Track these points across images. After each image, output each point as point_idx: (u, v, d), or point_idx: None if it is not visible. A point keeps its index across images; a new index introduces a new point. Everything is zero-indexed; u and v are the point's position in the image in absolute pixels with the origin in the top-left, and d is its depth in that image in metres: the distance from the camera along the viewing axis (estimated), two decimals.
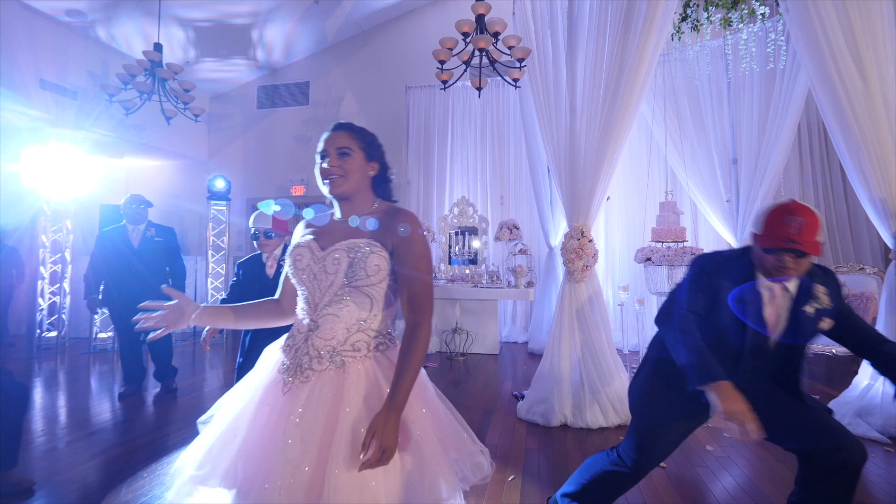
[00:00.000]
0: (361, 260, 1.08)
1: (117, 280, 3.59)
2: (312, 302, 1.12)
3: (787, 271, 1.37)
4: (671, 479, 2.18)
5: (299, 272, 1.13)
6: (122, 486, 2.15)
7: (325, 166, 1.15)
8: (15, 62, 5.06)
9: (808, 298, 1.43)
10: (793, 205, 1.39)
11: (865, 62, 2.79)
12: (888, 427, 2.71)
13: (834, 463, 1.42)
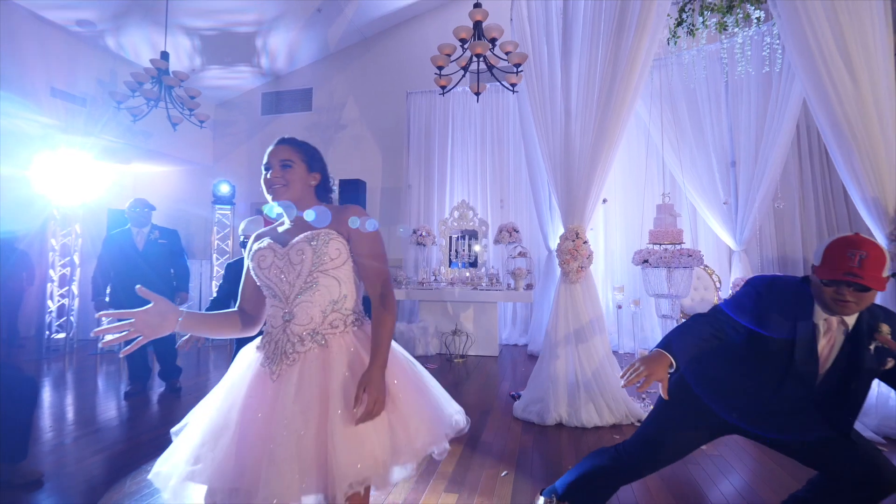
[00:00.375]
0: (323, 246, 1.19)
1: (123, 282, 3.67)
2: (283, 295, 1.19)
3: (846, 305, 1.32)
4: (664, 479, 2.21)
5: (265, 270, 1.21)
6: (126, 479, 2.22)
7: (268, 177, 1.25)
8: (27, 71, 5.21)
9: (870, 336, 1.38)
10: (856, 238, 1.35)
11: (856, 65, 2.82)
12: (882, 427, 2.73)
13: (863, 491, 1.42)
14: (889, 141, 2.87)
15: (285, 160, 1.26)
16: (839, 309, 1.34)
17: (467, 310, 5.25)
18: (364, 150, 7.31)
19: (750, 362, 1.49)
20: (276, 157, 1.26)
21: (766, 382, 1.46)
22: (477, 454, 2.53)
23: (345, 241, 1.22)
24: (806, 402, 1.48)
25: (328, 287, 1.19)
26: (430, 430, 1.15)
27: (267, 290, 1.23)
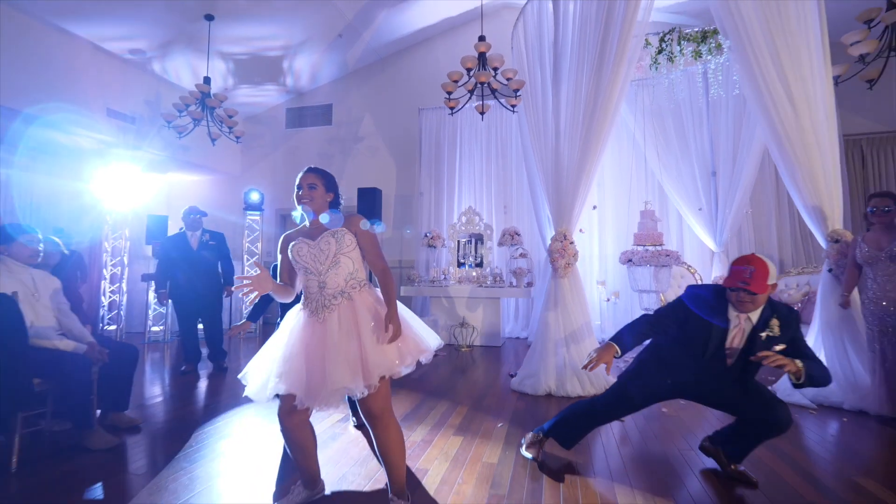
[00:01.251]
0: (341, 239, 1.81)
1: (180, 277, 4.34)
2: (317, 271, 1.81)
3: (744, 304, 1.94)
4: (642, 460, 2.77)
5: (303, 257, 1.82)
6: (195, 431, 2.85)
7: (299, 194, 1.86)
8: (87, 94, 5.96)
9: (765, 328, 1.98)
10: (750, 256, 1.98)
11: (795, 95, 3.38)
12: (817, 397, 3.25)
13: (765, 426, 2.03)
14: (826, 160, 3.42)
15: (311, 183, 1.85)
16: (740, 308, 1.97)
17: (473, 305, 5.83)
18: (379, 160, 7.97)
19: (681, 349, 2.13)
20: (305, 180, 1.86)
21: (693, 362, 2.10)
22: (479, 413, 3.12)
23: (353, 236, 1.84)
24: (723, 373, 2.10)
25: (346, 264, 1.81)
26: (418, 346, 1.81)
27: (303, 270, 1.84)
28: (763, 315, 1.99)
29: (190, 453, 2.46)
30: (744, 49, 3.46)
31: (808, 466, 2.28)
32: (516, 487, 2.07)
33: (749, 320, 2.01)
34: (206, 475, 2.20)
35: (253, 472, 2.25)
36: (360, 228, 1.85)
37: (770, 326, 1.98)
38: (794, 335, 2.01)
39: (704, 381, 2.13)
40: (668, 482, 2.12)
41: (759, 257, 1.96)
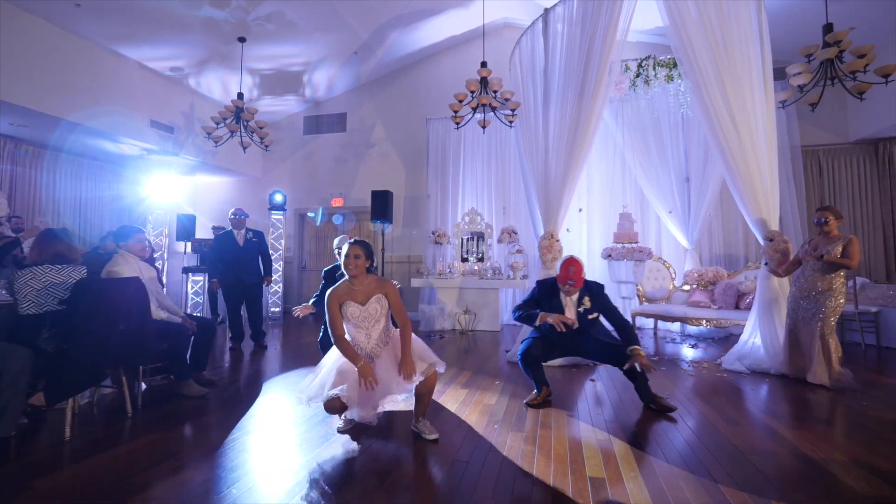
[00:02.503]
0: (383, 303, 2.55)
1: (230, 269, 5.13)
2: (365, 328, 2.53)
3: (569, 292, 3.10)
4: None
5: (356, 317, 2.52)
6: (252, 387, 3.65)
7: (345, 262, 2.48)
8: (133, 107, 6.74)
9: (581, 303, 3.05)
10: (571, 259, 3.10)
11: (738, 122, 4.15)
12: (752, 366, 4.04)
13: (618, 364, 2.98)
14: (764, 179, 4.17)
15: (356, 254, 2.48)
16: (568, 293, 3.05)
17: (475, 295, 6.63)
18: (390, 164, 8.75)
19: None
20: (352, 251, 2.48)
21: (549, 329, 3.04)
22: (480, 376, 3.92)
23: (386, 298, 2.55)
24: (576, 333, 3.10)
25: (383, 320, 2.56)
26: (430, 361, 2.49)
27: (354, 326, 2.54)
28: (580, 294, 3.09)
29: (246, 402, 3.27)
30: (695, 77, 4.22)
31: (735, 416, 3.06)
32: (507, 416, 2.88)
33: (572, 300, 3.10)
34: (260, 412, 3.01)
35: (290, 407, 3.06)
36: (391, 292, 2.56)
37: (584, 302, 3.09)
38: (603, 304, 3.12)
39: (570, 340, 3.15)
40: (622, 420, 2.92)
41: (577, 260, 3.09)
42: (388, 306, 2.56)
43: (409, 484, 2.02)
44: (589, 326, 3.13)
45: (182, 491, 1.94)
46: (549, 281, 3.26)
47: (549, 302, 3.14)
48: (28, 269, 2.66)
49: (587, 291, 3.11)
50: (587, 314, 3.10)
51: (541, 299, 3.19)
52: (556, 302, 3.12)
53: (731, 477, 2.06)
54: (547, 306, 3.13)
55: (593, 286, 3.15)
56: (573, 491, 1.94)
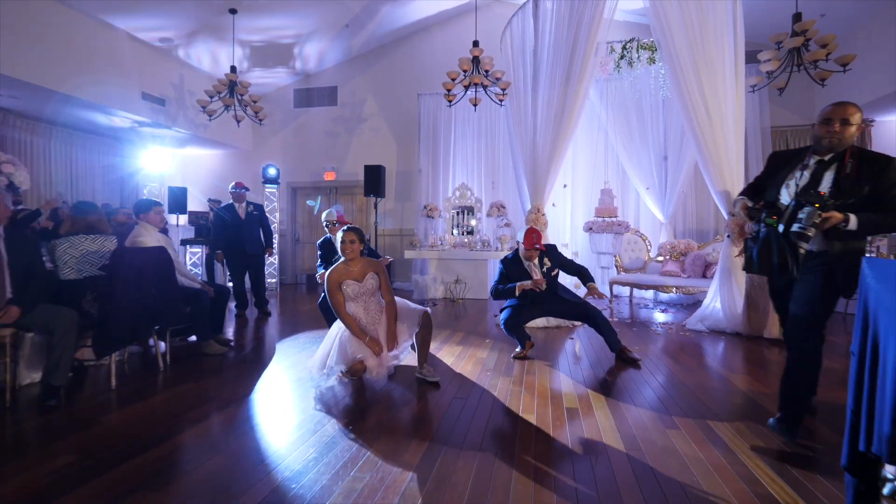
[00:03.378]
0: (375, 280, 2.93)
1: (232, 240, 5.39)
2: (363, 301, 2.92)
3: (531, 257, 3.51)
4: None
5: (354, 294, 2.90)
6: (264, 348, 4.02)
7: (343, 248, 2.89)
8: (125, 79, 6.75)
9: (543, 264, 3.49)
10: (531, 229, 3.49)
11: (710, 106, 4.51)
12: (712, 326, 4.56)
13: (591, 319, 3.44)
14: (730, 159, 4.57)
15: (352, 240, 2.88)
16: (529, 258, 3.47)
17: (465, 266, 7.02)
18: (382, 139, 8.93)
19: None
20: (347, 237, 2.88)
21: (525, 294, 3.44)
22: (472, 336, 4.35)
23: (376, 274, 2.94)
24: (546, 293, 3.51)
25: (377, 295, 2.95)
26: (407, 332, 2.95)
27: (353, 301, 2.92)
28: (541, 257, 3.56)
29: (262, 360, 3.64)
30: (672, 63, 4.55)
31: (693, 366, 3.55)
32: (497, 366, 3.32)
33: (535, 265, 3.55)
34: (276, 367, 3.39)
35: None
36: (381, 271, 2.98)
37: (545, 262, 3.55)
38: (560, 260, 3.63)
39: (542, 301, 3.58)
40: (595, 370, 3.39)
41: (537, 229, 3.54)
42: (378, 282, 2.97)
43: (415, 415, 2.43)
44: (554, 283, 3.61)
45: (217, 430, 2.31)
46: (509, 255, 3.67)
47: (517, 271, 3.56)
48: (66, 239, 2.93)
49: (545, 254, 3.60)
50: (550, 272, 3.58)
51: (509, 272, 3.59)
52: (522, 269, 3.55)
53: (683, 409, 2.52)
54: (516, 276, 3.53)
55: (548, 248, 3.65)
56: (552, 417, 2.38)
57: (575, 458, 1.93)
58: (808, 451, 2.00)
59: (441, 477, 1.75)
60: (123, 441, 2.09)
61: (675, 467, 1.85)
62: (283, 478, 1.73)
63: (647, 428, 2.26)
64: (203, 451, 1.99)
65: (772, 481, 1.74)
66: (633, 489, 1.68)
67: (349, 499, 1.58)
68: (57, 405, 2.51)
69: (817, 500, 1.61)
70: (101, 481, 1.72)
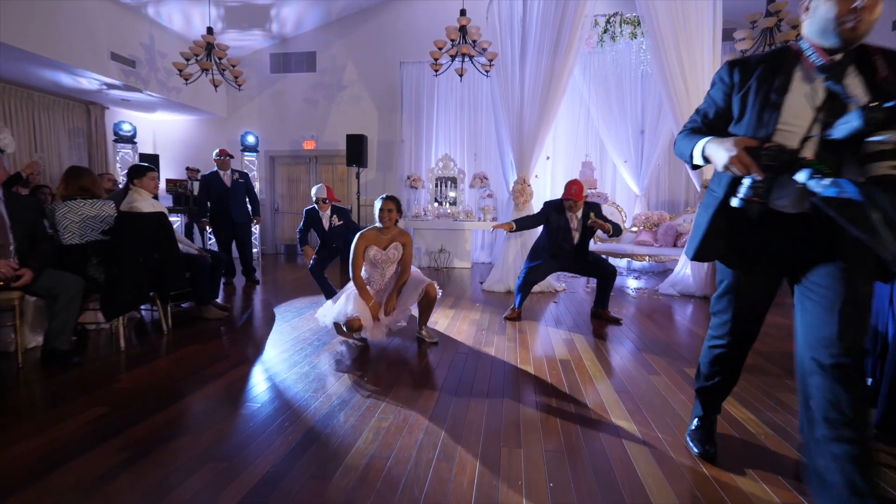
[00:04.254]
0: (398, 250, 3.06)
1: (218, 208, 5.34)
2: (381, 268, 3.06)
3: (571, 208, 3.61)
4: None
5: (376, 259, 3.03)
6: (256, 310, 4.12)
7: (381, 215, 3.00)
8: (92, 38, 6.38)
9: (586, 218, 3.59)
10: (574, 181, 3.60)
11: (689, 82, 4.74)
12: (682, 290, 4.94)
13: (606, 275, 3.61)
14: None
15: (389, 208, 3.00)
16: (571, 210, 3.59)
17: (449, 236, 7.19)
18: (363, 108, 8.81)
19: (550, 237, 3.70)
20: (386, 206, 3.00)
21: (556, 244, 3.66)
22: (462, 301, 4.57)
23: (402, 245, 3.06)
24: (574, 249, 3.70)
25: (396, 265, 3.08)
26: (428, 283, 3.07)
27: (373, 266, 3.05)
28: (584, 211, 3.69)
29: (261, 324, 3.76)
30: (655, 37, 4.72)
31: (666, 323, 3.89)
32: (491, 327, 3.55)
33: (577, 217, 3.69)
34: (278, 330, 3.52)
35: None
36: (408, 243, 3.10)
37: (589, 216, 3.66)
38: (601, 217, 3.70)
39: (567, 256, 3.75)
40: (580, 329, 3.67)
41: (579, 181, 3.64)
42: (401, 253, 3.09)
43: (422, 368, 2.63)
44: (588, 238, 3.75)
45: (239, 385, 2.45)
46: (555, 201, 3.80)
47: (556, 218, 3.70)
48: (64, 204, 2.90)
49: (590, 209, 3.69)
50: (591, 229, 3.69)
51: (549, 215, 3.75)
52: (563, 218, 3.70)
53: (658, 356, 2.83)
54: (553, 222, 3.71)
55: (593, 205, 3.75)
56: (548, 367, 2.64)
57: (573, 397, 2.19)
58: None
59: (456, 417, 1.97)
60: (148, 394, 2.20)
61: (658, 404, 2.13)
62: (314, 420, 1.91)
63: (632, 374, 2.54)
64: (228, 403, 2.13)
65: (737, 410, 2.04)
66: (626, 419, 1.95)
67: (378, 435, 1.77)
68: (80, 362, 2.60)
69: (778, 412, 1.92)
70: (136, 430, 1.84)
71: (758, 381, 2.43)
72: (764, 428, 1.90)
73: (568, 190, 3.63)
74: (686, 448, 1.72)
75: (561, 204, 3.73)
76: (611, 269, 3.74)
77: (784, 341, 3.24)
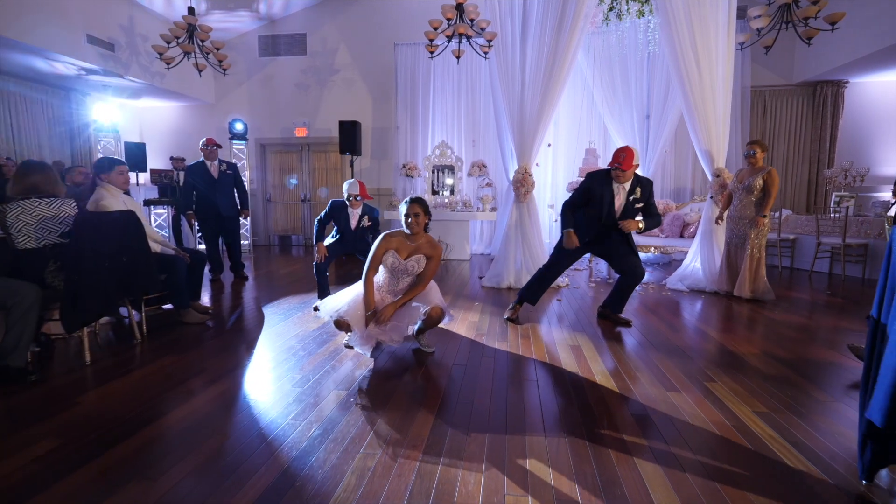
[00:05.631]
0: (422, 263, 2.72)
1: (204, 200, 5.05)
2: (396, 277, 2.75)
3: (618, 177, 3.16)
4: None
5: (391, 267, 2.73)
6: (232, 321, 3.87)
7: (409, 221, 2.68)
8: (66, 20, 6.00)
9: (633, 193, 3.20)
10: (624, 147, 3.15)
11: (701, 62, 4.42)
12: (692, 285, 4.70)
13: (633, 277, 3.30)
14: (718, 116, 4.55)
15: (416, 212, 2.67)
16: (617, 179, 3.18)
17: (447, 227, 6.91)
18: (356, 93, 8.44)
19: (589, 213, 3.31)
20: (412, 209, 2.67)
21: (596, 218, 3.28)
22: (461, 299, 4.32)
23: (426, 259, 2.72)
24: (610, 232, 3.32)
25: (414, 277, 2.75)
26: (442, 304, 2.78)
27: (388, 272, 2.76)
28: (632, 184, 3.23)
29: (248, 327, 3.51)
30: (666, 13, 4.39)
31: (675, 322, 3.65)
32: (491, 330, 3.31)
33: (624, 189, 3.24)
34: (267, 335, 3.28)
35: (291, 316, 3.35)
36: (435, 258, 2.73)
37: (635, 192, 3.24)
38: (647, 198, 3.28)
39: (600, 240, 3.37)
40: (584, 328, 3.43)
41: (631, 148, 3.16)
42: (423, 265, 2.72)
43: (418, 384, 2.39)
44: (632, 213, 3.25)
45: (209, 407, 2.21)
46: (600, 171, 3.29)
47: (600, 189, 3.20)
48: (16, 204, 2.62)
49: (639, 184, 3.20)
50: (635, 203, 3.22)
51: (592, 187, 3.23)
52: (608, 189, 3.20)
53: (671, 362, 2.59)
54: (597, 194, 3.21)
55: (644, 181, 3.24)
56: (554, 382, 2.40)
57: (581, 422, 1.95)
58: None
59: (453, 451, 1.73)
60: (108, 423, 1.96)
61: (662, 404, 1.90)
62: (289, 458, 1.67)
63: (649, 394, 2.31)
64: (198, 431, 1.89)
65: (761, 429, 1.81)
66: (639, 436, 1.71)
67: (363, 479, 1.54)
68: (38, 379, 2.36)
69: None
70: (89, 469, 1.61)
71: (781, 394, 2.20)
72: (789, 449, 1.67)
73: (616, 157, 3.11)
74: (703, 466, 1.49)
75: (607, 174, 3.21)
76: (642, 271, 3.34)
77: (808, 345, 3.01)
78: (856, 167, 6.09)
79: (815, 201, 7.18)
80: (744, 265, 4.22)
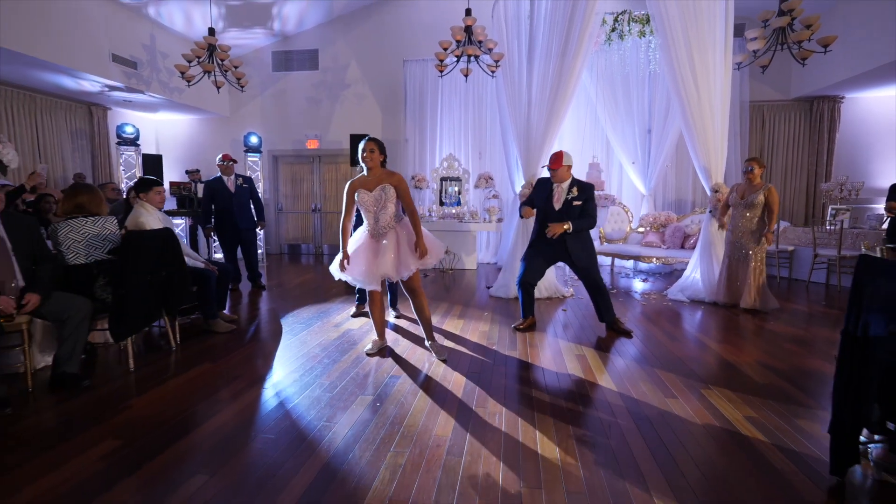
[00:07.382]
0: (388, 191, 2.94)
1: (223, 214, 5.30)
2: (374, 212, 2.97)
3: (554, 176, 3.60)
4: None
5: (365, 203, 2.96)
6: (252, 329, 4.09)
7: (363, 156, 2.93)
8: (93, 41, 6.30)
9: (570, 193, 3.55)
10: (557, 151, 3.59)
11: (699, 81, 4.64)
12: (692, 296, 4.90)
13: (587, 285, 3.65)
14: (716, 132, 4.77)
15: (371, 148, 2.92)
16: (553, 179, 3.58)
17: (454, 237, 7.14)
18: (366, 107, 8.71)
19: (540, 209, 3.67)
20: (367, 146, 2.91)
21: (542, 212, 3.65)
22: (470, 309, 4.54)
23: (394, 188, 2.95)
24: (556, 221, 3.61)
25: (390, 207, 2.96)
26: (434, 255, 3.00)
27: (364, 210, 2.99)
28: (570, 185, 3.61)
29: (270, 335, 3.74)
30: (665, 34, 4.62)
31: (675, 332, 3.85)
32: (501, 339, 3.52)
33: (562, 188, 3.62)
34: (288, 344, 3.50)
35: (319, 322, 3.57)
36: (399, 183, 2.97)
37: (572, 191, 3.60)
38: (587, 199, 3.60)
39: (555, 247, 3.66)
40: (589, 337, 3.64)
41: (562, 151, 3.62)
42: (394, 195, 2.94)
43: (435, 389, 2.60)
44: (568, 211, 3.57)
45: (250, 410, 2.43)
46: (543, 178, 3.81)
47: (542, 192, 3.69)
48: (65, 223, 2.87)
49: (577, 185, 3.60)
50: (573, 201, 3.57)
51: (538, 187, 3.77)
52: (548, 190, 3.66)
53: (670, 371, 2.80)
54: (541, 195, 3.68)
55: (585, 185, 3.62)
56: (561, 389, 2.61)
57: (590, 427, 2.16)
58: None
59: (473, 451, 1.94)
60: (160, 424, 2.18)
61: (660, 408, 2.11)
62: (328, 456, 1.89)
63: (650, 401, 2.51)
64: (243, 431, 2.11)
65: (741, 425, 2.02)
66: (640, 444, 1.92)
67: (396, 473, 1.75)
68: (90, 385, 2.59)
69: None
70: (151, 466, 1.83)
71: (772, 401, 2.40)
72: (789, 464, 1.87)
73: (549, 159, 3.62)
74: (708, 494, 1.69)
75: (549, 181, 3.70)
76: (592, 279, 3.64)
77: (802, 356, 3.21)
78: (851, 181, 6.29)
79: (812, 213, 7.37)
80: (749, 278, 4.41)
